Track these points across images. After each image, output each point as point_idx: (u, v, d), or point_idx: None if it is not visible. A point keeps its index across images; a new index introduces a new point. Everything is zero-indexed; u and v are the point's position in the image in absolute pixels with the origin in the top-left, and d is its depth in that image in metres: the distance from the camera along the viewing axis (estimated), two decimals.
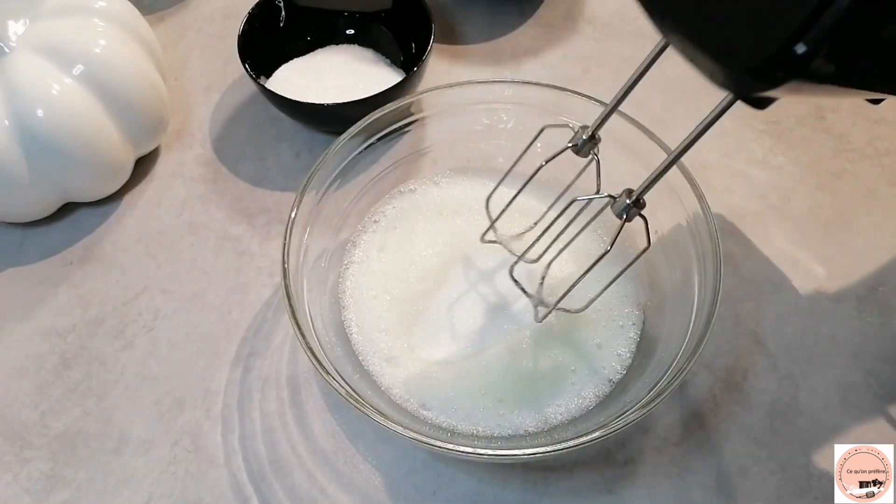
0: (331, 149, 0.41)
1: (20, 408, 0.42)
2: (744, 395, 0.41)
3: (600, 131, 0.35)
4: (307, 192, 0.40)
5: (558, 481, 0.39)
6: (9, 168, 0.42)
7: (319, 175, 0.41)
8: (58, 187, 0.46)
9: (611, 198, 0.32)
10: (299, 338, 0.36)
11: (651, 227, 0.43)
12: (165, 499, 0.39)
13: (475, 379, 0.39)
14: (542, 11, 0.60)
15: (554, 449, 0.33)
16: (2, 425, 0.42)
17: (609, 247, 0.32)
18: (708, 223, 0.38)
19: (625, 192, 0.32)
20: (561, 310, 0.36)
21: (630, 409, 0.34)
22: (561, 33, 0.58)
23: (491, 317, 0.41)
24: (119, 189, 0.49)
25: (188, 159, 0.52)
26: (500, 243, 0.41)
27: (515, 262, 0.38)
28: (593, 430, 0.33)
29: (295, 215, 0.39)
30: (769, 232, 0.47)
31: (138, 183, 0.51)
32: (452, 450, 0.33)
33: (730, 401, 0.41)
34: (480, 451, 0.33)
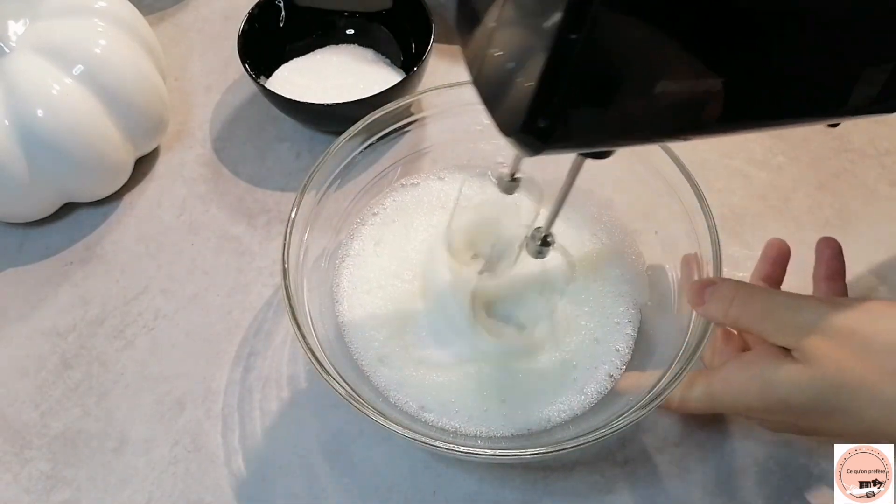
0: (331, 149, 0.41)
1: (21, 407, 0.42)
2: None
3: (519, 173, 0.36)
4: (307, 192, 0.40)
5: (558, 481, 0.39)
6: (9, 168, 0.42)
7: (319, 175, 0.41)
8: (58, 187, 0.46)
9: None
10: (299, 338, 0.36)
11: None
12: (166, 498, 0.39)
13: (474, 378, 0.39)
14: None
15: (554, 449, 0.33)
16: (2, 425, 0.42)
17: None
18: (708, 223, 0.38)
19: (532, 233, 0.33)
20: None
21: (630, 409, 0.34)
22: None
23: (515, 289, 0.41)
24: (119, 189, 0.49)
25: (188, 159, 0.52)
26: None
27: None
28: (593, 430, 0.33)
29: (295, 215, 0.39)
30: (769, 232, 0.47)
31: (138, 183, 0.51)
32: (452, 450, 0.33)
33: None
34: (480, 451, 0.33)
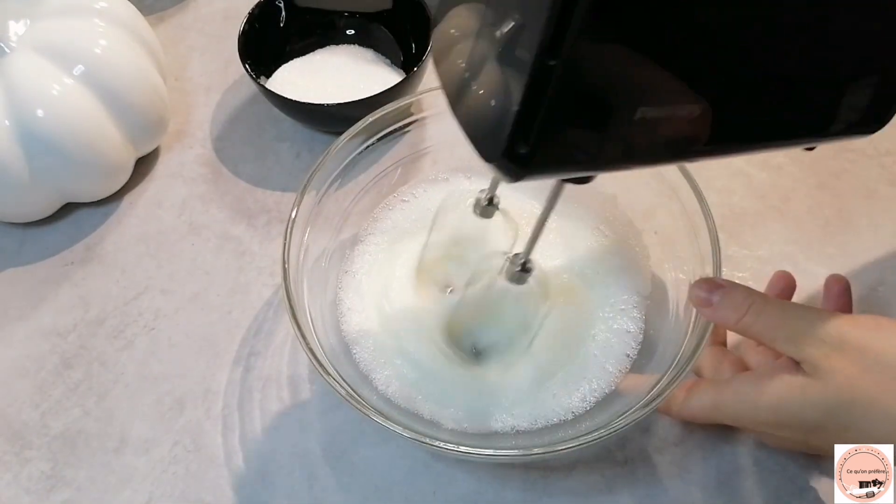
0: (331, 149, 0.41)
1: (21, 407, 0.42)
2: None
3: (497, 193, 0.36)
4: (307, 192, 0.40)
5: (558, 481, 0.39)
6: (9, 168, 0.42)
7: (319, 175, 0.41)
8: (58, 187, 0.46)
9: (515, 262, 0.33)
10: (299, 338, 0.36)
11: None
12: (166, 498, 0.39)
13: (473, 379, 0.39)
14: None
15: (554, 449, 0.33)
16: (2, 425, 0.42)
17: None
18: (708, 223, 0.38)
19: (510, 259, 0.33)
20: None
21: (630, 409, 0.34)
22: None
23: (490, 318, 0.41)
24: (119, 189, 0.49)
25: (189, 159, 0.52)
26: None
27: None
28: (593, 430, 0.33)
29: (295, 215, 0.39)
30: (769, 232, 0.47)
31: (139, 183, 0.51)
32: (452, 450, 0.33)
33: None
34: (480, 451, 0.33)
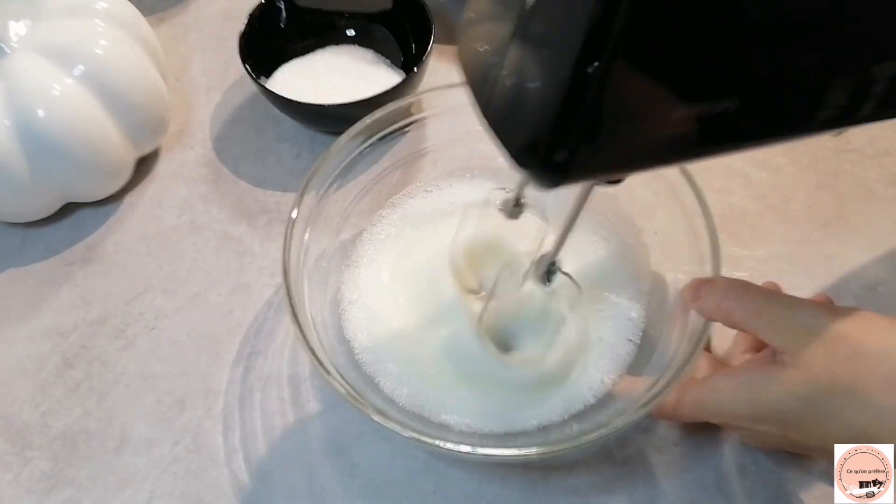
0: (331, 149, 0.41)
1: (21, 407, 0.42)
2: None
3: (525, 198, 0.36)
4: (307, 192, 0.40)
5: (558, 481, 0.39)
6: (10, 168, 0.43)
7: (320, 175, 0.41)
8: (59, 187, 0.46)
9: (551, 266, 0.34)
10: (300, 338, 0.36)
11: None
12: (166, 498, 0.39)
13: (475, 379, 0.39)
14: None
15: (554, 449, 0.33)
16: (3, 425, 0.42)
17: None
18: (708, 223, 0.38)
19: (538, 260, 0.34)
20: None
21: (630, 409, 0.34)
22: None
23: (518, 317, 0.40)
24: (120, 189, 0.50)
25: (189, 159, 0.52)
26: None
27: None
28: (593, 430, 0.33)
29: (295, 215, 0.39)
30: (769, 232, 0.47)
31: (139, 183, 0.51)
32: (452, 450, 0.33)
33: None
34: (480, 451, 0.33)
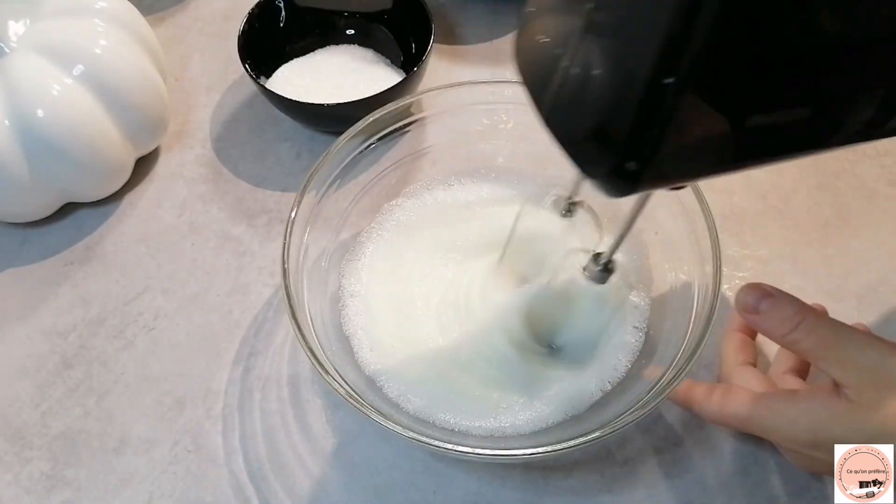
0: (331, 149, 0.41)
1: (21, 407, 0.42)
2: None
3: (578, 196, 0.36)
4: (307, 192, 0.40)
5: (558, 481, 0.39)
6: (9, 168, 0.42)
7: (319, 175, 0.41)
8: (58, 187, 0.46)
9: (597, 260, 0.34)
10: (299, 338, 0.36)
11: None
12: (166, 498, 0.39)
13: (475, 378, 0.39)
14: None
15: (554, 449, 0.33)
16: (2, 425, 0.42)
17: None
18: (708, 223, 0.38)
19: (591, 259, 0.34)
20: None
21: (630, 409, 0.34)
22: None
23: (567, 315, 0.40)
24: (120, 189, 0.49)
25: (189, 159, 0.52)
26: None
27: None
28: (593, 430, 0.33)
29: (295, 215, 0.39)
30: (769, 232, 0.47)
31: (139, 183, 0.51)
32: (452, 450, 0.33)
33: None
34: (480, 451, 0.33)
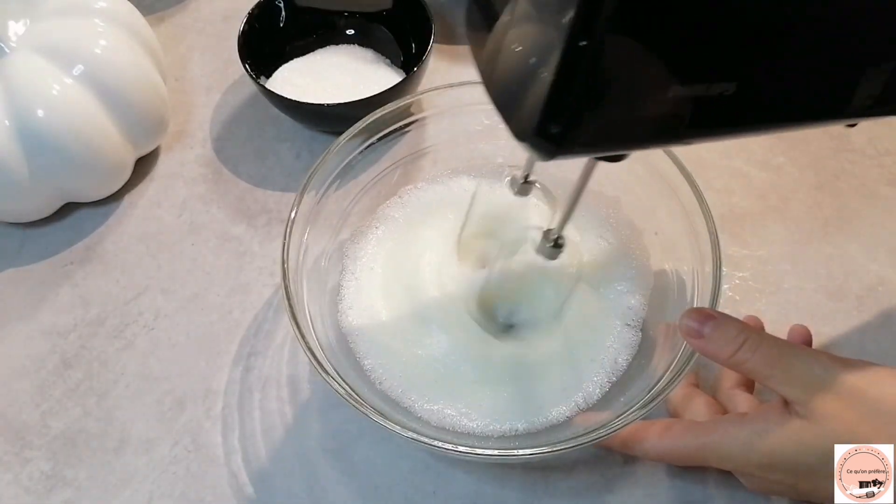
0: (331, 149, 0.41)
1: (21, 407, 0.42)
2: None
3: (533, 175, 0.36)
4: (307, 192, 0.40)
5: (558, 481, 0.39)
6: (9, 168, 0.42)
7: (319, 175, 0.41)
8: (58, 187, 0.46)
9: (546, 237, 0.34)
10: (299, 338, 0.36)
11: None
12: (166, 498, 0.39)
13: (475, 378, 0.39)
14: None
15: (554, 449, 0.33)
16: (2, 425, 0.42)
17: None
18: (708, 223, 0.38)
19: (544, 234, 0.33)
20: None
21: (630, 409, 0.34)
22: None
23: (520, 292, 0.41)
24: (119, 189, 0.49)
25: (189, 159, 0.52)
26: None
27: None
28: (593, 430, 0.33)
29: (295, 215, 0.39)
30: (769, 232, 0.47)
31: (139, 183, 0.51)
32: (452, 450, 0.33)
33: None
34: (480, 451, 0.33)
